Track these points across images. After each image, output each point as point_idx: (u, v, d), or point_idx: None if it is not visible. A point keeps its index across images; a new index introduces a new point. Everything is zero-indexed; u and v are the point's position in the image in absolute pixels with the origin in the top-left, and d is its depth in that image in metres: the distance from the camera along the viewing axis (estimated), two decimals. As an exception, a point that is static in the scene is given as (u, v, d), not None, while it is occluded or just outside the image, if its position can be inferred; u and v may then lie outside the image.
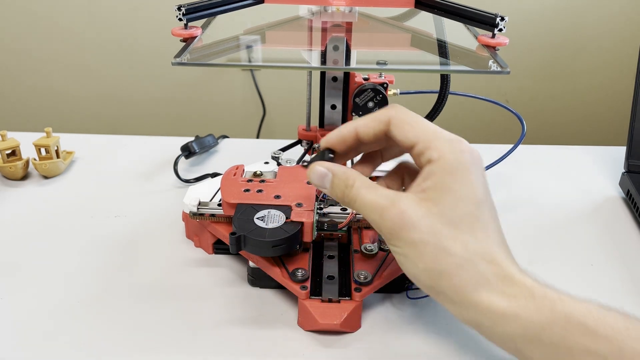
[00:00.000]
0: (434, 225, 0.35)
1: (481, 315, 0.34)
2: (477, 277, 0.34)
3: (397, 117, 0.38)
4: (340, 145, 0.40)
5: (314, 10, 0.56)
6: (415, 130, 0.37)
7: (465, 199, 0.35)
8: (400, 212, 0.35)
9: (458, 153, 0.36)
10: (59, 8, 1.47)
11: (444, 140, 0.36)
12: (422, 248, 0.35)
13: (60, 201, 0.61)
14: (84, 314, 0.45)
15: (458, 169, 0.36)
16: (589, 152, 0.74)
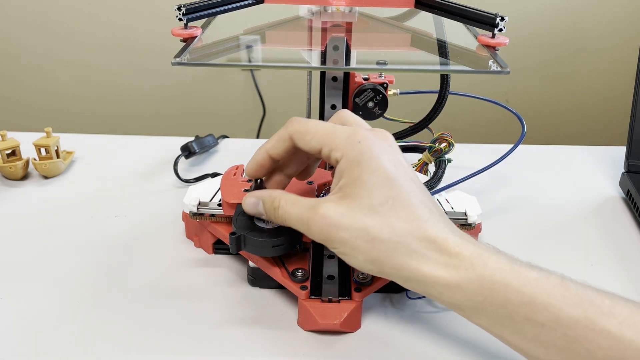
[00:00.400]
0: (357, 218, 0.36)
1: (428, 287, 0.36)
2: (413, 254, 0.36)
3: (297, 130, 0.40)
4: (260, 170, 0.43)
5: (314, 10, 0.56)
6: (316, 137, 0.39)
7: (377, 184, 0.36)
8: (322, 217, 0.37)
9: (356, 145, 0.37)
10: (59, 8, 1.47)
11: (341, 137, 0.38)
12: (354, 243, 0.36)
13: (60, 201, 0.61)
14: (83, 314, 0.45)
15: (362, 159, 0.37)
16: (589, 152, 0.74)
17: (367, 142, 0.37)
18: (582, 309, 0.33)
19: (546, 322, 0.33)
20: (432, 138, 0.59)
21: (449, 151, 0.58)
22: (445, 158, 0.58)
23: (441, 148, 0.57)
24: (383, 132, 0.40)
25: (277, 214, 0.40)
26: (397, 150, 0.39)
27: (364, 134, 0.38)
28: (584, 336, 0.33)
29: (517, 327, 0.34)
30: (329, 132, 0.39)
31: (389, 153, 0.38)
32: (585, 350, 0.33)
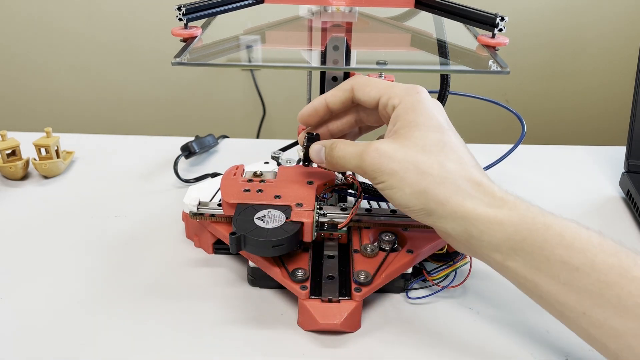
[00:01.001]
0: (409, 153, 0.39)
1: (469, 225, 0.37)
2: (459, 190, 0.38)
3: (358, 82, 0.44)
4: (313, 116, 0.46)
5: (314, 10, 0.56)
6: (375, 88, 0.43)
7: (431, 127, 0.40)
8: (376, 149, 0.40)
9: (415, 94, 0.41)
10: (59, 8, 1.47)
11: (400, 87, 0.42)
12: (403, 174, 0.39)
13: (60, 201, 0.61)
14: (83, 314, 0.45)
15: (418, 106, 0.40)
16: (589, 152, 0.74)
17: (423, 94, 0.41)
18: (618, 258, 0.34)
19: (581, 266, 0.35)
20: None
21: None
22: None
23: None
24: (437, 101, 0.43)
25: (333, 154, 0.43)
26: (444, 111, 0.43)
27: (421, 89, 0.42)
28: (617, 282, 0.34)
29: (551, 270, 0.35)
30: (388, 84, 0.43)
31: (440, 109, 0.42)
32: (616, 296, 0.33)
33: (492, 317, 0.45)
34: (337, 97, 0.44)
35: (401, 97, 0.41)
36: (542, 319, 0.45)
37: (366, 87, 0.43)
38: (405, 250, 0.47)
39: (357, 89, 0.43)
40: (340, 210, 0.50)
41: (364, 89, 0.43)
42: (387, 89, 0.42)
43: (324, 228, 0.48)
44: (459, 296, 0.48)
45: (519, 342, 0.43)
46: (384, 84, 0.43)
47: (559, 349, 0.42)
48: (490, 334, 0.44)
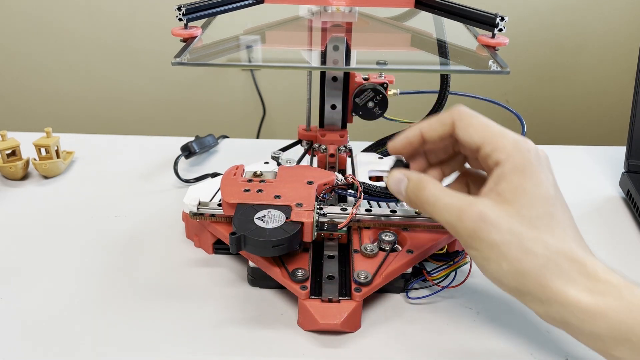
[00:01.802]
0: (514, 226, 0.35)
1: (569, 314, 0.34)
2: (562, 274, 0.35)
3: (461, 119, 0.39)
4: (406, 147, 0.42)
5: (314, 10, 0.56)
6: (480, 132, 0.38)
7: (539, 198, 0.36)
8: (479, 212, 0.36)
9: (525, 152, 0.37)
10: (59, 8, 1.47)
11: (509, 140, 0.37)
12: (504, 249, 0.35)
13: (60, 201, 0.61)
14: (84, 314, 0.45)
15: (527, 169, 0.36)
16: (589, 152, 0.74)
17: (534, 154, 0.37)
18: None
19: None
20: (432, 138, 0.59)
21: (449, 151, 0.58)
22: (445, 158, 0.58)
23: (441, 148, 0.57)
24: (544, 151, 0.39)
25: (420, 194, 0.39)
26: (553, 172, 0.39)
27: (532, 145, 0.38)
28: None
29: None
30: (495, 131, 0.38)
31: (551, 173, 0.38)
32: None
33: (492, 317, 0.45)
34: (435, 130, 0.40)
35: (508, 152, 0.37)
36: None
37: (469, 128, 0.39)
38: (405, 250, 0.47)
39: (459, 126, 0.39)
40: (340, 210, 0.50)
41: (467, 129, 0.39)
42: (493, 138, 0.38)
43: (324, 228, 0.48)
44: (459, 296, 0.48)
45: (519, 342, 0.43)
46: (490, 130, 0.38)
47: (559, 349, 0.42)
48: (490, 334, 0.44)
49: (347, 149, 0.59)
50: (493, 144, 0.37)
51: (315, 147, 0.58)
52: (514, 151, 0.37)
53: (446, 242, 0.50)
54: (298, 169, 0.51)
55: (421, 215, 0.49)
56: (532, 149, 0.37)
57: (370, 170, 0.57)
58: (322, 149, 0.57)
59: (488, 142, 0.38)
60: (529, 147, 0.37)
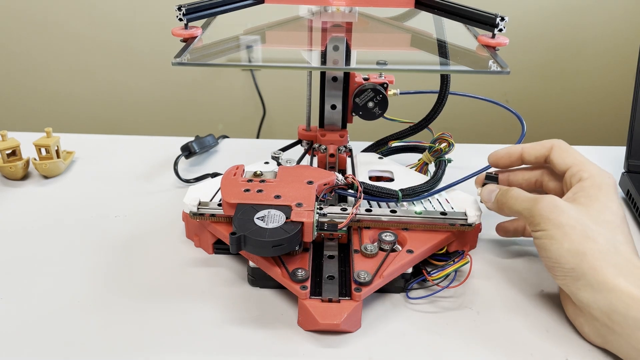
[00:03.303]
0: (581, 216, 0.41)
1: (617, 300, 0.38)
2: (617, 266, 0.39)
3: (559, 145, 0.48)
4: (505, 160, 0.50)
5: (314, 10, 0.56)
6: (572, 157, 0.46)
7: (610, 209, 0.42)
8: (552, 199, 0.42)
9: (605, 177, 0.44)
10: (59, 8, 1.47)
11: (594, 166, 0.45)
12: (569, 230, 0.40)
13: (60, 201, 0.61)
14: (84, 314, 0.45)
15: (604, 186, 0.43)
16: (589, 152, 0.73)
17: (612, 180, 0.45)
18: None
19: None
20: (432, 138, 0.59)
21: (449, 151, 0.58)
22: (445, 158, 0.58)
23: (441, 148, 0.57)
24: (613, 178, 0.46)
25: (507, 194, 0.47)
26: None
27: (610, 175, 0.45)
28: None
29: None
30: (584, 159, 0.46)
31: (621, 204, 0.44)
32: None
33: (492, 317, 0.45)
34: (535, 149, 0.48)
35: (592, 173, 0.44)
36: (542, 319, 0.45)
37: (564, 152, 0.47)
38: (405, 250, 0.47)
39: (556, 150, 0.47)
40: (340, 210, 0.50)
41: (562, 154, 0.47)
42: (582, 162, 0.45)
43: (324, 228, 0.48)
44: (459, 296, 0.48)
45: (519, 342, 0.43)
46: (580, 157, 0.46)
47: (559, 349, 0.42)
48: (490, 334, 0.44)
49: (347, 149, 0.59)
50: (580, 165, 0.45)
51: (315, 147, 0.58)
52: (596, 173, 0.44)
53: (446, 242, 0.50)
54: (298, 169, 0.51)
55: (421, 215, 0.49)
56: (612, 178, 0.45)
57: (370, 170, 0.57)
58: (322, 149, 0.57)
59: (577, 164, 0.45)
60: (609, 175, 0.45)
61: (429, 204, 0.52)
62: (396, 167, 0.58)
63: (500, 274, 0.51)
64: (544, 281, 0.50)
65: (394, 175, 0.57)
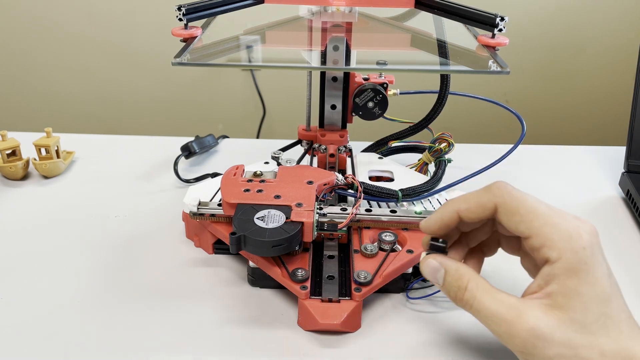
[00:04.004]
0: (568, 335, 0.33)
1: None
2: None
3: (505, 203, 0.35)
4: (442, 229, 0.38)
5: (314, 10, 0.56)
6: (527, 222, 0.34)
7: (594, 299, 0.33)
8: (531, 328, 0.33)
9: (579, 251, 0.33)
10: (59, 8, 1.47)
11: (561, 234, 0.33)
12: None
13: (60, 201, 0.61)
14: (84, 314, 0.45)
15: (582, 270, 0.33)
16: (589, 152, 0.74)
17: (590, 250, 0.33)
18: None
19: None
20: (432, 138, 0.59)
21: (449, 151, 0.58)
22: (445, 158, 0.58)
23: (441, 148, 0.57)
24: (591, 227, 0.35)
25: (461, 295, 0.36)
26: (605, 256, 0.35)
27: (588, 239, 0.33)
28: None
29: None
30: (547, 223, 0.33)
31: (603, 260, 0.34)
32: None
33: (492, 317, 0.45)
34: (475, 213, 0.36)
35: (560, 251, 0.33)
36: (542, 319, 0.45)
37: (514, 216, 0.35)
38: (405, 250, 0.47)
39: (502, 212, 0.35)
40: (340, 210, 0.50)
41: (512, 218, 0.35)
42: (542, 229, 0.34)
43: (324, 228, 0.48)
44: (459, 296, 0.48)
45: (519, 342, 0.43)
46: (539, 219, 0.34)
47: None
48: (491, 334, 0.44)
49: (347, 149, 0.59)
50: (542, 237, 0.34)
51: (315, 147, 0.58)
52: (566, 250, 0.33)
53: (446, 242, 0.50)
54: (298, 169, 0.51)
55: (421, 215, 0.49)
56: (587, 245, 0.33)
57: (370, 170, 0.57)
58: (322, 149, 0.57)
59: (536, 234, 0.34)
60: (583, 244, 0.33)
61: (429, 204, 0.52)
62: (396, 167, 0.58)
63: (500, 274, 0.51)
64: (544, 281, 0.50)
65: (394, 175, 0.57)
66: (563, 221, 0.34)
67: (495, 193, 0.35)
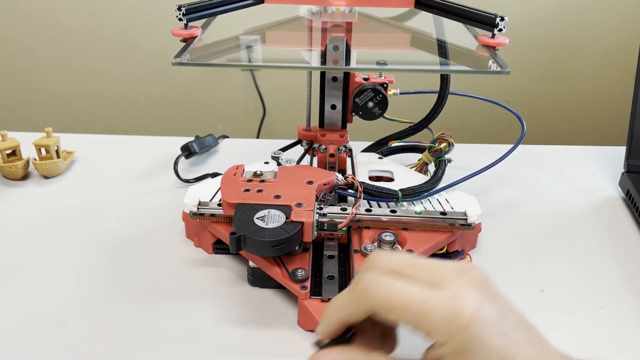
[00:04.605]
0: None
1: None
2: None
3: (379, 305, 0.31)
4: (335, 334, 0.34)
5: (314, 10, 0.56)
6: (404, 316, 0.30)
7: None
8: None
9: (462, 330, 0.29)
10: (60, 8, 1.47)
11: (439, 319, 0.29)
12: None
13: (60, 201, 0.61)
14: (83, 314, 0.45)
15: (470, 348, 0.30)
16: (589, 152, 0.74)
17: (475, 325, 0.29)
18: None
19: None
20: (432, 138, 0.59)
21: (449, 151, 0.58)
22: (445, 158, 0.58)
23: (441, 148, 0.57)
24: (477, 281, 0.31)
25: None
26: (498, 298, 0.32)
27: (469, 313, 0.29)
28: None
29: None
30: (422, 312, 0.30)
31: (497, 321, 0.31)
32: None
33: (492, 317, 0.45)
34: (357, 318, 0.33)
35: (443, 334, 0.30)
36: (542, 319, 0.45)
37: (390, 315, 0.31)
38: (405, 250, 0.47)
39: (379, 313, 0.31)
40: (340, 210, 0.50)
41: (388, 317, 0.31)
42: (421, 320, 0.30)
43: (324, 228, 0.48)
44: (459, 296, 0.48)
45: (519, 342, 0.43)
46: (414, 308, 0.30)
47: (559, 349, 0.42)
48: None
49: (347, 149, 0.59)
50: (423, 326, 0.30)
51: (315, 147, 0.58)
52: (450, 333, 0.29)
53: (446, 242, 0.50)
54: (298, 169, 0.51)
55: (421, 215, 0.49)
56: (470, 320, 0.29)
57: (370, 170, 0.57)
58: (322, 149, 0.57)
59: (416, 324, 0.30)
60: (464, 322, 0.29)
61: (428, 204, 0.52)
62: (396, 167, 0.58)
63: (500, 274, 0.51)
64: (544, 281, 0.50)
65: (394, 175, 0.57)
66: (440, 302, 0.30)
67: (363, 297, 0.31)
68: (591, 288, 0.49)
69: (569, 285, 0.50)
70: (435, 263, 0.32)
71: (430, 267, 0.32)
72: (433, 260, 0.33)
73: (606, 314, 0.46)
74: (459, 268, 0.32)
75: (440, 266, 0.32)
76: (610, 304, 0.47)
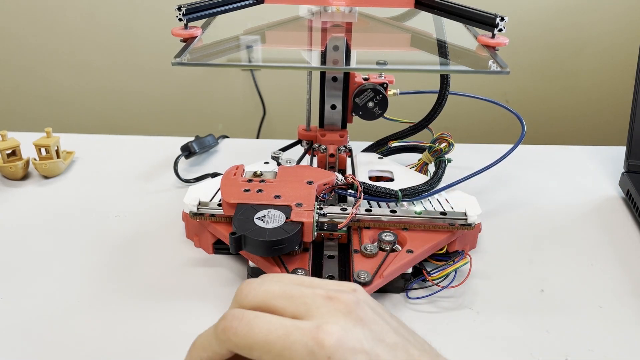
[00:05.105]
0: None
1: None
2: None
3: (236, 348, 0.29)
4: None
5: (314, 10, 0.56)
6: (267, 353, 0.28)
7: None
8: None
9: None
10: (60, 8, 1.47)
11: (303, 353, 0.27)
12: None
13: (60, 201, 0.61)
14: (83, 314, 0.45)
15: None
16: (589, 152, 0.74)
17: (338, 355, 0.27)
18: None
19: None
20: (432, 138, 0.59)
21: (449, 151, 0.58)
22: (445, 158, 0.58)
23: (441, 148, 0.57)
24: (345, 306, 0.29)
25: None
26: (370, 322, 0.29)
27: (331, 344, 0.27)
28: None
29: None
30: (283, 348, 0.28)
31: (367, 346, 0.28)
32: None
33: (492, 317, 0.45)
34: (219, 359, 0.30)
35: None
36: (542, 319, 0.45)
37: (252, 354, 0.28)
38: (405, 250, 0.47)
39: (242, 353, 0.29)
40: (340, 210, 0.50)
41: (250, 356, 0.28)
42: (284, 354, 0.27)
43: (324, 228, 0.48)
44: (459, 296, 0.48)
45: (519, 342, 0.43)
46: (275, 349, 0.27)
47: (559, 349, 0.42)
48: (490, 334, 0.44)
49: (347, 149, 0.59)
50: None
51: (315, 147, 0.58)
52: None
53: (446, 242, 0.50)
54: (298, 169, 0.51)
55: (421, 215, 0.49)
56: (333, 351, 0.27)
57: (370, 170, 0.57)
58: (322, 149, 0.57)
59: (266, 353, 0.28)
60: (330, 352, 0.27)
61: (428, 204, 0.52)
62: (396, 167, 0.58)
63: (500, 274, 0.51)
64: (544, 281, 0.50)
65: (394, 175, 0.57)
66: (302, 335, 0.28)
67: (223, 337, 0.29)
68: (591, 288, 0.49)
69: (569, 285, 0.50)
70: (305, 291, 0.29)
71: (298, 296, 0.29)
72: (305, 287, 0.30)
73: (606, 314, 0.46)
74: (327, 294, 0.29)
75: (309, 294, 0.29)
76: (610, 304, 0.47)
